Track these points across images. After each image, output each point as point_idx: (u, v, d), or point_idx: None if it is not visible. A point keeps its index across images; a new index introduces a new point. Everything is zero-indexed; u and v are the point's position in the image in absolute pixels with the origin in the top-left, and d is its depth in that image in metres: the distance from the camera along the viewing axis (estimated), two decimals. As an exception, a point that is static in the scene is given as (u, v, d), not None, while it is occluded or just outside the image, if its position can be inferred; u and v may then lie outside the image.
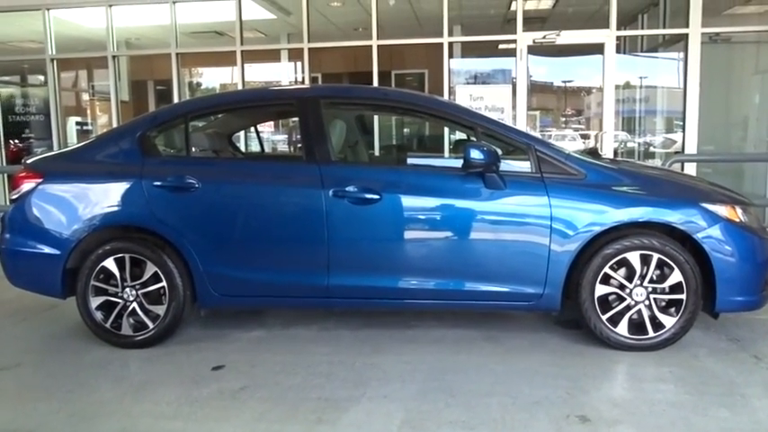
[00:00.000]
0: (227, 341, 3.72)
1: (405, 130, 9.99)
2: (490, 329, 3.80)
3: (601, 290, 3.39)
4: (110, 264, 3.57)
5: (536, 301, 3.43)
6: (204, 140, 4.21)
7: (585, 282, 3.37)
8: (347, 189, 3.42)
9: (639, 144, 9.26)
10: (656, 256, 3.33)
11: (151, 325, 3.59)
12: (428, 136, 9.43)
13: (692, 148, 7.12)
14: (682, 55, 8.27)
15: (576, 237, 3.32)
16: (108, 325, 3.60)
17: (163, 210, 3.55)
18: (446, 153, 7.05)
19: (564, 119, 11.62)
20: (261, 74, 12.84)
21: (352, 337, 3.72)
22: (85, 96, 12.68)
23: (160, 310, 3.58)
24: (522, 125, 7.31)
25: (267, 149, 6.77)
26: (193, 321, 4.04)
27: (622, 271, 3.39)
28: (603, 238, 3.36)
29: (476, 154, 3.27)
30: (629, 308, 3.39)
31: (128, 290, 3.58)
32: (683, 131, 7.17)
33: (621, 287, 3.39)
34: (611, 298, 3.42)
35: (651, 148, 9.39)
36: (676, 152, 7.64)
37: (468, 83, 7.79)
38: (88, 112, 12.47)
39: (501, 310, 3.78)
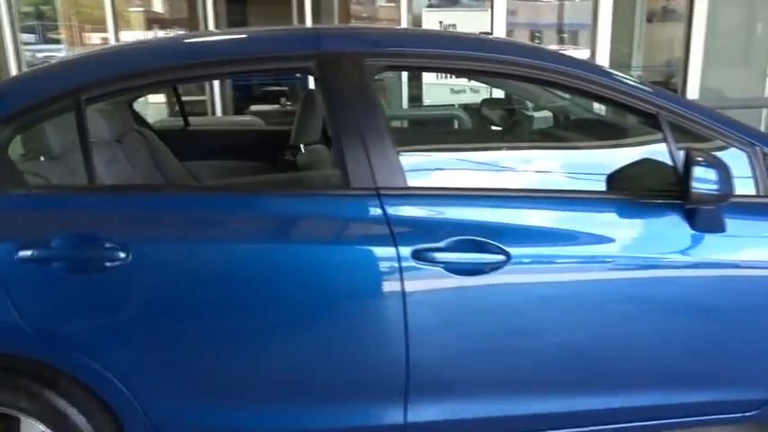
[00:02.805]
0: None
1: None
2: None
3: None
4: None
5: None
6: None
7: None
8: (442, 244, 1.72)
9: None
10: None
11: None
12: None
13: (693, 91, 5.92)
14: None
15: None
16: None
17: (44, 308, 1.66)
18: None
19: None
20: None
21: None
22: None
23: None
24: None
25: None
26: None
27: None
28: None
29: (709, 181, 1.68)
30: None
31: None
32: (685, 68, 5.93)
33: None
34: None
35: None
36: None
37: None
38: None
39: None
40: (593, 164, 2.17)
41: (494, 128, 2.96)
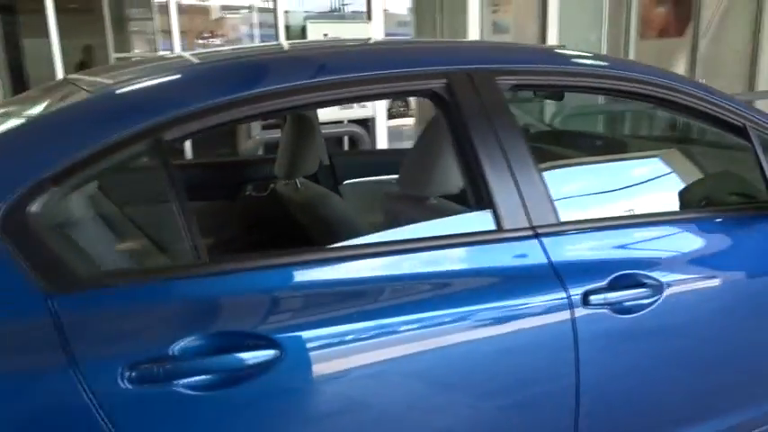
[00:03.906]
0: None
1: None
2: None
3: None
4: None
5: None
6: None
7: None
8: (605, 283, 1.54)
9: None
10: None
11: None
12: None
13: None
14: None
15: None
16: None
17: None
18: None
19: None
20: None
21: None
22: None
23: None
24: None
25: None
26: None
27: None
28: None
29: None
30: None
31: None
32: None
33: None
34: None
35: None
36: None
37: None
38: None
39: None
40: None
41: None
